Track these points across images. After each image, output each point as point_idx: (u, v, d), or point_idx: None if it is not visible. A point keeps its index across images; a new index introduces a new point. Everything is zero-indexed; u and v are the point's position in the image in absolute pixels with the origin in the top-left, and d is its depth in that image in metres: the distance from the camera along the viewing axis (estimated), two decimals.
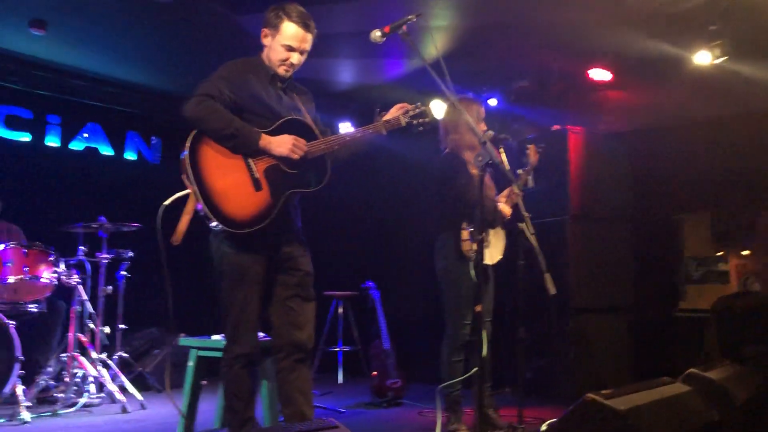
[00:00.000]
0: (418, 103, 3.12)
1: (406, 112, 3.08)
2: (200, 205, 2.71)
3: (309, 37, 2.97)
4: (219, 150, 2.79)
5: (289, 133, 2.88)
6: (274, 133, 2.87)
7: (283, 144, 2.83)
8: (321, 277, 3.19)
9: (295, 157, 2.85)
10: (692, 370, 2.84)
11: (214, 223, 2.75)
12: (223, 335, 3.69)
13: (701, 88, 5.25)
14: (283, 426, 2.64)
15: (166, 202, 2.77)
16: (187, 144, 2.76)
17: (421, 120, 3.09)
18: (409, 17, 2.81)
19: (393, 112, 3.10)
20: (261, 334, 3.07)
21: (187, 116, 2.78)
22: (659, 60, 5.17)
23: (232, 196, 2.76)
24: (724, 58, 4.77)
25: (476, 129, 2.73)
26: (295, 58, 2.97)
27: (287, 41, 2.93)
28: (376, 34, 2.85)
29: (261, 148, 2.82)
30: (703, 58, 4.87)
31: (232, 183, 2.78)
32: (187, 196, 2.78)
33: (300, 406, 2.83)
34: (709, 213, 5.67)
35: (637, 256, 5.77)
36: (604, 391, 2.06)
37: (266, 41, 3.00)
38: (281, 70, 2.98)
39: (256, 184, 2.81)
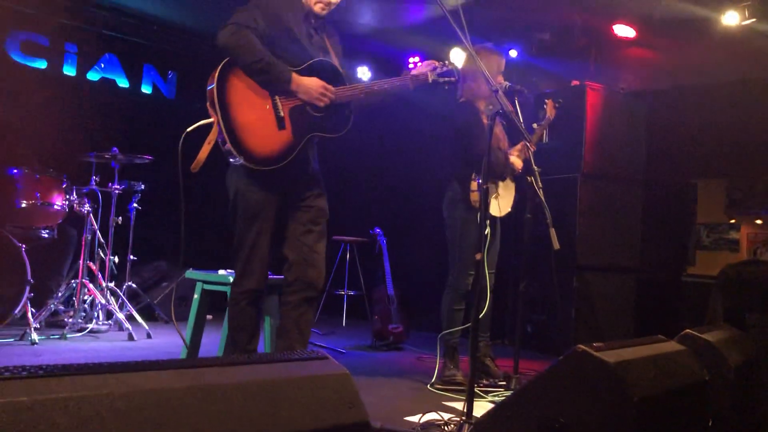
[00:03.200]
0: (447, 62, 3.07)
1: (434, 69, 3.04)
2: (222, 137, 2.70)
3: None
4: (248, 84, 2.77)
5: (318, 74, 2.86)
6: (303, 72, 2.84)
7: (312, 89, 2.81)
8: (331, 221, 3.20)
9: (321, 104, 2.84)
10: (688, 330, 2.86)
11: (233, 157, 2.74)
12: (232, 270, 3.76)
13: (727, 50, 5.12)
14: (275, 353, 2.70)
15: (189, 129, 2.75)
16: (216, 73, 2.73)
17: (447, 79, 3.04)
18: None
19: (421, 68, 3.06)
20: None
21: (220, 44, 2.74)
22: (685, 19, 5.04)
23: (254, 132, 2.74)
24: (753, 19, 4.64)
25: (489, 78, 2.69)
26: None
27: None
28: None
29: (290, 88, 2.79)
30: (731, 18, 4.75)
31: (257, 118, 2.76)
32: (210, 125, 2.76)
33: (293, 342, 2.88)
34: (725, 180, 5.62)
35: (648, 218, 5.75)
36: (595, 344, 2.08)
37: None
38: (317, 8, 2.93)
39: (280, 123, 2.80)
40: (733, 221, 5.62)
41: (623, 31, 5.44)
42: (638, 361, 2.09)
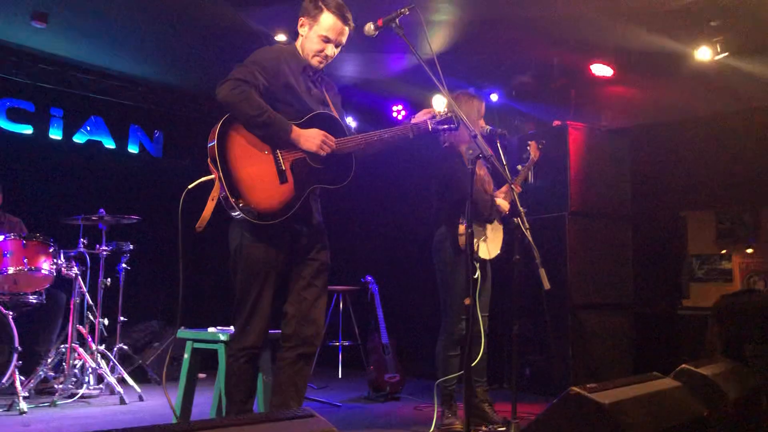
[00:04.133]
0: (445, 110, 3.04)
1: (433, 117, 3.02)
2: (223, 193, 2.68)
3: (346, 30, 2.93)
4: (248, 138, 2.76)
5: (319, 127, 2.86)
6: (303, 125, 2.84)
7: (312, 139, 2.80)
8: None
9: (323, 153, 2.83)
10: (684, 365, 2.83)
11: (236, 213, 2.72)
12: (222, 328, 3.72)
13: (703, 84, 5.23)
14: (260, 414, 2.64)
15: (190, 186, 2.71)
16: (217, 129, 2.73)
17: (447, 126, 3.02)
18: (402, 10, 2.81)
19: (420, 116, 3.05)
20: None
21: (220, 99, 2.73)
22: (661, 55, 5.14)
23: (256, 186, 2.73)
24: (725, 54, 4.74)
25: (467, 123, 2.71)
26: (330, 51, 2.94)
27: (325, 32, 2.89)
28: (370, 27, 2.84)
29: (291, 140, 2.79)
30: (704, 54, 4.85)
31: (258, 173, 2.75)
32: (210, 181, 2.73)
33: (288, 399, 2.82)
34: (714, 211, 5.65)
35: (638, 253, 5.75)
36: (589, 385, 2.05)
37: (302, 30, 2.96)
38: (315, 61, 2.95)
39: (282, 176, 2.78)
40: (724, 251, 5.64)
41: (600, 70, 5.54)
42: (633, 401, 2.06)
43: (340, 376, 6.36)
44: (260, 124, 2.73)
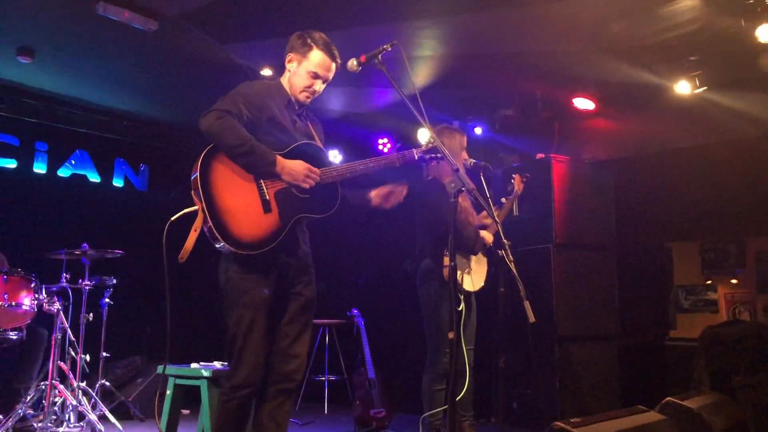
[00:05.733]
0: (431, 140, 3.02)
1: (419, 146, 3.03)
2: (207, 224, 2.65)
3: (334, 66, 2.95)
4: (231, 168, 2.74)
5: (303, 156, 2.85)
6: (288, 155, 2.83)
7: (297, 171, 2.79)
8: None
9: (306, 186, 2.82)
10: (669, 398, 2.83)
11: (219, 244, 2.69)
12: (205, 364, 3.68)
13: (683, 117, 5.31)
14: None
15: (173, 218, 2.68)
16: (200, 160, 2.71)
17: (433, 155, 3.01)
18: (384, 47, 2.83)
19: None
20: None
21: (203, 129, 2.72)
22: (641, 89, 5.22)
23: (239, 216, 2.70)
24: (704, 88, 4.83)
25: (449, 156, 2.74)
26: (318, 86, 2.96)
27: (314, 69, 2.91)
28: (353, 63, 2.86)
29: (275, 172, 2.78)
30: (684, 87, 4.94)
31: (241, 203, 2.72)
32: (194, 212, 2.70)
33: None
34: (698, 242, 5.69)
35: (624, 284, 5.76)
36: (573, 420, 2.04)
37: (290, 66, 2.97)
38: (302, 96, 2.96)
39: (265, 206, 2.76)
40: (709, 282, 5.67)
41: (583, 103, 5.61)
42: None
43: (325, 412, 6.28)
44: (242, 153, 2.71)
